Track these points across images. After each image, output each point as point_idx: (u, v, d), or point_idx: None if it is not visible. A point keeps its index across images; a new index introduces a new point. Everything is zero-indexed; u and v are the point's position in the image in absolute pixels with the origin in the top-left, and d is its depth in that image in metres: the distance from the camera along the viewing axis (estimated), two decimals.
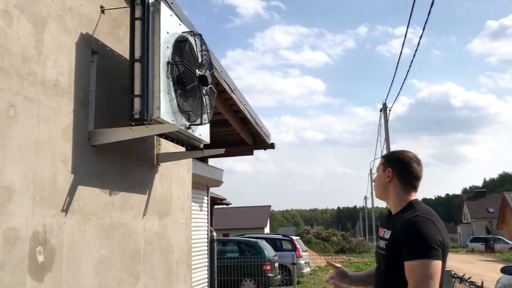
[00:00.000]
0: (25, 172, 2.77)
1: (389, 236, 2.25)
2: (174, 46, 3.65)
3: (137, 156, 4.09)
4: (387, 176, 2.35)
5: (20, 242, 2.68)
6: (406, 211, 2.25)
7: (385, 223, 2.42)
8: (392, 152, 2.46)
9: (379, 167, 2.42)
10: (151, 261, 4.21)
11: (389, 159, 2.41)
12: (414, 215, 2.18)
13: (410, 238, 2.10)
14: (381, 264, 2.32)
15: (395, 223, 2.25)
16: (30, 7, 2.90)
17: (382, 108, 21.38)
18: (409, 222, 2.15)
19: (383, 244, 2.28)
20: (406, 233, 2.12)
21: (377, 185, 2.42)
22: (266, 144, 8.72)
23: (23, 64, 2.81)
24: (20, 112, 2.75)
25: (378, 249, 2.38)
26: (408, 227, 2.13)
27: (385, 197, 2.41)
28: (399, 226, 2.18)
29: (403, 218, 2.20)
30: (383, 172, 2.38)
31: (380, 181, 2.40)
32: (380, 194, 2.43)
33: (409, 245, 2.09)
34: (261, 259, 13.40)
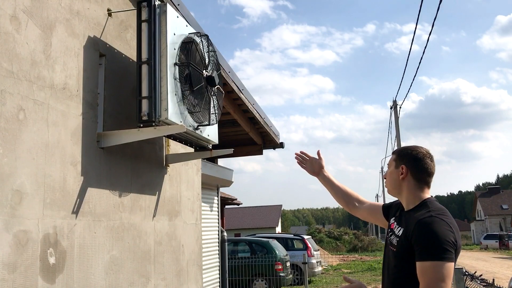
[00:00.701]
0: (35, 174, 2.80)
1: (401, 234, 2.22)
2: (181, 47, 3.67)
3: (146, 157, 4.12)
4: (401, 173, 2.31)
5: (32, 244, 2.71)
6: (419, 209, 2.23)
7: (398, 219, 2.39)
8: (404, 147, 2.40)
9: (391, 163, 2.38)
10: (161, 261, 4.23)
11: (402, 155, 2.35)
12: (428, 215, 2.15)
13: (423, 238, 2.08)
14: (390, 260, 2.30)
15: (408, 221, 2.23)
16: (38, 12, 2.93)
17: (392, 106, 21.28)
18: (423, 222, 2.12)
19: (395, 241, 2.26)
20: (419, 233, 2.10)
21: (390, 181, 2.39)
22: (275, 144, 8.71)
23: (32, 68, 2.84)
24: (29, 116, 2.79)
25: (389, 245, 2.35)
26: (421, 228, 2.10)
27: (397, 194, 2.38)
28: (412, 225, 2.15)
29: (416, 218, 2.16)
30: (395, 168, 2.33)
31: (392, 177, 2.36)
32: (393, 190, 2.40)
33: (422, 245, 2.07)
34: (272, 259, 13.40)
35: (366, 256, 31.26)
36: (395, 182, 2.34)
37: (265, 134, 8.36)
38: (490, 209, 56.45)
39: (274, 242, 14.74)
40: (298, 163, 3.00)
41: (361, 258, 29.09)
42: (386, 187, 2.43)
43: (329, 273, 19.33)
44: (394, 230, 2.33)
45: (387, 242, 2.41)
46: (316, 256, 17.00)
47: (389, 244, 2.33)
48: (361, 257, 30.22)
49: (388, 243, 2.38)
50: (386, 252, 2.40)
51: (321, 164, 2.93)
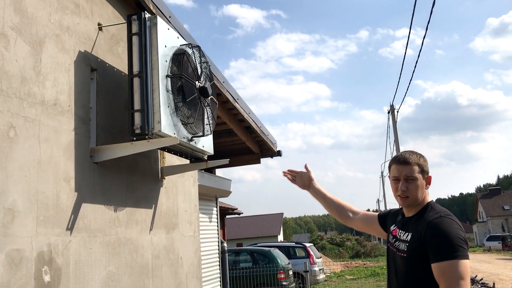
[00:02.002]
0: (28, 192, 2.77)
1: (411, 239, 2.24)
2: (172, 59, 3.66)
3: (141, 170, 4.09)
4: (428, 182, 2.34)
5: (25, 262, 2.68)
6: (426, 212, 2.27)
7: (401, 225, 2.40)
8: (417, 155, 2.38)
9: (417, 176, 2.30)
10: (160, 275, 4.19)
11: (424, 165, 2.35)
12: (437, 216, 2.20)
13: (438, 239, 2.11)
14: (399, 266, 2.30)
15: (417, 225, 2.25)
16: (26, 28, 2.92)
17: (390, 110, 21.28)
18: (435, 224, 2.15)
19: (403, 246, 2.27)
20: (432, 235, 2.13)
21: (419, 193, 2.32)
22: (273, 152, 8.69)
23: (21, 85, 2.82)
24: (20, 133, 2.77)
25: (396, 251, 2.35)
26: (434, 229, 2.14)
27: (417, 203, 2.34)
28: (423, 228, 2.18)
29: (426, 220, 2.21)
30: (423, 180, 2.32)
31: (421, 189, 2.32)
32: (416, 201, 2.33)
33: (436, 246, 2.09)
34: (274, 268, 13.31)
35: (369, 262, 31.13)
36: (422, 192, 2.33)
37: (262, 142, 8.34)
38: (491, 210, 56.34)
39: (275, 251, 14.67)
40: (289, 179, 3.01)
41: (364, 264, 28.97)
42: (410, 199, 2.32)
43: (332, 280, 19.21)
44: (399, 236, 2.35)
45: (391, 249, 2.42)
46: (319, 264, 16.92)
47: (396, 251, 2.34)
48: (365, 263, 30.09)
49: (393, 249, 2.38)
50: (392, 258, 2.40)
51: (310, 177, 2.94)
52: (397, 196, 2.35)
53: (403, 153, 2.39)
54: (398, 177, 2.32)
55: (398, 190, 2.32)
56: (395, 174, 2.34)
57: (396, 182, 2.34)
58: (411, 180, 2.29)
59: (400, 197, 2.32)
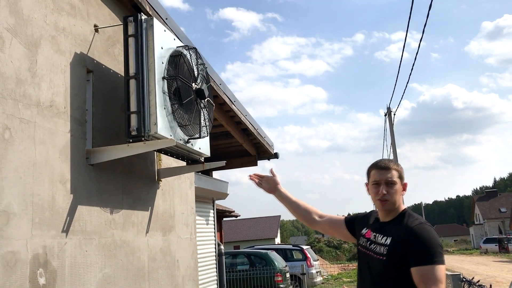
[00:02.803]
0: (23, 194, 2.76)
1: (391, 243, 2.33)
2: (169, 61, 3.65)
3: (138, 172, 4.08)
4: (403, 189, 2.47)
5: (20, 265, 2.66)
6: (405, 218, 2.39)
7: (376, 228, 2.50)
8: (397, 163, 2.52)
9: (397, 180, 2.43)
10: (156, 278, 4.17)
11: (401, 171, 2.49)
12: (418, 223, 2.33)
13: (420, 245, 2.22)
14: (376, 269, 2.39)
15: (397, 230, 2.35)
16: (22, 30, 2.91)
17: (387, 113, 21.30)
18: (417, 230, 2.27)
19: (382, 250, 2.36)
20: (415, 240, 2.24)
21: (397, 197, 2.44)
22: (270, 154, 8.68)
23: (17, 86, 2.81)
24: (15, 135, 2.75)
25: (371, 254, 2.43)
26: (416, 235, 2.25)
27: (394, 208, 2.45)
28: (405, 233, 2.29)
29: (407, 226, 2.33)
30: (400, 185, 2.45)
31: (398, 194, 2.44)
32: (394, 205, 2.44)
33: (419, 251, 2.20)
34: (272, 271, 13.30)
35: None
36: (399, 197, 2.45)
37: (259, 145, 8.34)
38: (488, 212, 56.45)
39: (273, 254, 14.65)
40: (255, 183, 3.03)
41: None
42: (389, 202, 2.42)
43: (330, 282, 19.19)
44: (375, 240, 2.44)
45: (363, 252, 2.51)
46: (316, 266, 16.90)
47: (372, 253, 2.43)
48: None
49: (367, 252, 2.48)
50: (366, 261, 2.48)
51: (275, 181, 2.98)
52: (377, 200, 2.44)
53: (382, 160, 2.53)
54: (379, 181, 2.43)
55: (379, 194, 2.41)
56: (375, 178, 2.45)
57: (376, 186, 2.44)
58: (391, 184, 2.41)
59: (380, 201, 2.42)
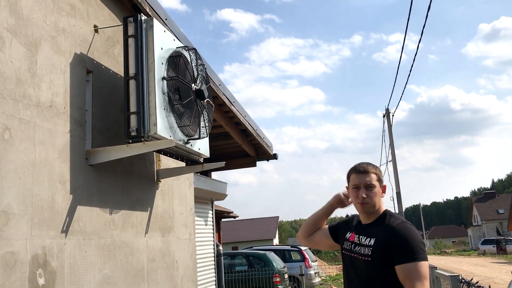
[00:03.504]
0: (23, 194, 2.75)
1: (375, 243, 2.39)
2: (168, 61, 3.65)
3: (137, 173, 4.08)
4: (383, 191, 2.53)
5: (20, 265, 2.66)
6: (386, 219, 2.46)
7: (358, 230, 2.55)
8: (375, 166, 2.57)
9: (375, 183, 2.49)
10: (155, 278, 4.17)
11: (380, 173, 2.55)
12: (400, 222, 2.40)
13: (402, 243, 2.29)
14: (361, 270, 2.44)
15: (379, 230, 2.42)
16: (22, 30, 2.91)
17: (385, 114, 21.33)
18: (399, 229, 2.34)
19: (367, 251, 2.41)
20: (397, 239, 2.31)
21: (377, 200, 2.49)
22: (269, 155, 8.69)
23: (17, 87, 2.81)
24: (15, 135, 2.75)
25: (356, 256, 2.47)
26: (398, 234, 2.32)
27: (374, 210, 2.50)
28: (387, 233, 2.36)
29: (389, 225, 2.40)
30: (380, 187, 2.51)
31: (378, 196, 2.50)
32: (374, 208, 2.49)
33: (401, 249, 2.27)
34: (270, 271, 13.29)
35: None
36: (379, 200, 2.51)
37: (258, 146, 8.34)
38: (486, 214, 56.52)
39: (271, 255, 14.64)
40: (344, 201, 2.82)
41: None
42: (369, 205, 2.47)
43: (328, 283, 19.19)
44: (360, 242, 2.50)
45: (348, 255, 2.55)
46: (314, 267, 16.90)
47: (357, 255, 2.48)
48: None
49: (352, 255, 2.52)
50: (351, 263, 2.52)
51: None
52: (357, 204, 2.49)
53: (361, 164, 2.57)
54: (359, 185, 2.48)
55: (359, 197, 2.46)
56: (355, 182, 2.50)
57: (356, 190, 2.49)
58: (370, 188, 2.46)
59: (360, 204, 2.47)
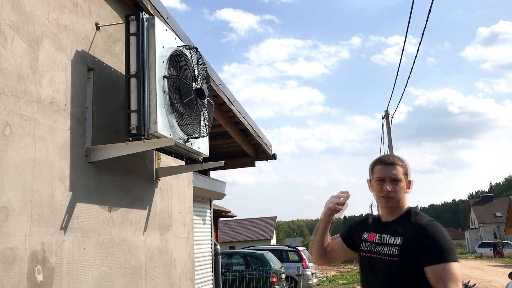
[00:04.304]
0: (23, 191, 2.76)
1: (403, 242, 2.22)
2: (169, 60, 3.66)
3: (137, 171, 4.08)
4: (408, 186, 2.35)
5: (18, 261, 2.66)
6: (412, 216, 2.28)
7: (379, 229, 2.38)
8: (402, 158, 2.38)
9: (402, 177, 2.31)
10: (153, 277, 4.17)
11: (407, 167, 2.36)
12: (428, 220, 2.24)
13: (436, 242, 2.14)
14: (385, 271, 2.26)
15: (405, 228, 2.24)
16: (24, 27, 2.91)
17: (385, 116, 21.34)
18: (430, 227, 2.19)
19: (394, 250, 2.24)
20: (430, 238, 2.15)
21: (401, 195, 2.31)
22: (268, 155, 8.70)
23: (18, 83, 2.81)
24: (16, 131, 2.75)
25: (379, 256, 2.30)
26: (431, 232, 2.17)
27: (398, 206, 2.33)
28: (417, 231, 2.19)
29: (417, 224, 2.23)
30: (405, 182, 2.33)
31: (403, 191, 2.32)
32: (398, 204, 2.32)
33: (435, 249, 2.12)
34: (267, 271, 13.29)
35: None
36: (404, 195, 2.33)
37: (257, 145, 8.35)
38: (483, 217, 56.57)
39: (268, 255, 14.64)
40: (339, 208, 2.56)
41: (356, 269, 28.97)
42: (394, 200, 2.30)
43: (325, 284, 19.20)
44: (382, 241, 2.32)
45: (367, 256, 2.37)
46: (311, 268, 16.90)
47: (380, 255, 2.30)
48: (357, 268, 30.11)
49: (372, 256, 2.34)
50: (370, 265, 2.35)
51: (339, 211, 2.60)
52: (380, 198, 2.31)
53: (387, 155, 2.39)
54: (384, 177, 2.30)
55: (383, 191, 2.29)
56: (380, 175, 2.31)
57: (380, 183, 2.31)
58: (396, 181, 2.29)
59: (385, 198, 2.29)
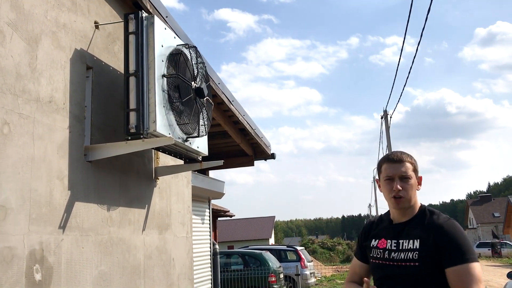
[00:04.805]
0: (21, 189, 2.75)
1: (421, 246, 2.09)
2: (169, 59, 3.65)
3: (135, 170, 4.07)
4: (419, 183, 2.24)
5: (17, 260, 2.65)
6: (426, 216, 2.18)
7: (390, 233, 2.25)
8: (410, 155, 2.26)
9: (411, 174, 2.19)
10: (151, 276, 4.16)
11: (416, 163, 2.25)
12: (446, 219, 2.15)
13: (456, 242, 2.04)
14: (404, 277, 2.11)
15: (422, 230, 2.13)
16: (23, 25, 2.90)
17: (383, 115, 21.35)
18: (449, 227, 2.09)
19: (412, 255, 2.10)
20: (449, 238, 2.05)
21: (413, 193, 2.19)
22: (267, 155, 8.69)
23: (16, 81, 2.80)
24: (14, 130, 2.74)
25: (395, 263, 2.15)
26: (450, 232, 2.07)
27: (410, 206, 2.21)
28: (435, 232, 2.08)
29: (434, 223, 2.11)
30: (416, 179, 2.22)
31: (414, 189, 2.20)
32: (409, 203, 2.20)
33: (455, 250, 2.02)
34: (266, 271, 13.29)
35: None
36: (415, 193, 2.21)
37: (256, 145, 8.34)
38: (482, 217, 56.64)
39: (267, 254, 14.64)
40: None
41: None
42: (405, 199, 2.18)
43: (323, 284, 19.21)
44: (398, 247, 2.17)
45: (381, 264, 2.21)
46: (310, 267, 16.91)
47: (396, 262, 2.15)
48: None
49: (387, 263, 2.19)
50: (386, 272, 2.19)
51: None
52: (391, 198, 2.18)
53: (394, 152, 2.26)
54: (392, 176, 2.18)
55: (393, 190, 2.16)
56: (388, 173, 2.19)
57: (389, 182, 2.19)
58: (406, 179, 2.17)
59: (395, 198, 2.17)
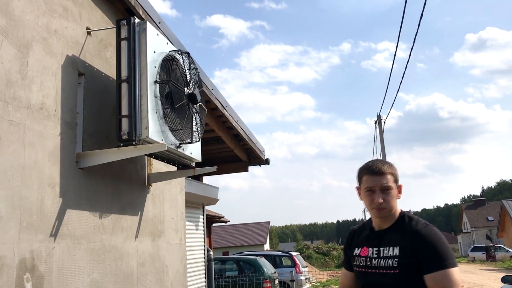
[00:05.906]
0: (11, 197, 2.71)
1: (401, 252, 2.13)
2: (161, 65, 3.64)
3: (128, 177, 4.04)
4: (399, 192, 2.25)
5: (6, 269, 2.61)
6: (405, 222, 2.20)
7: (371, 241, 2.29)
8: (390, 164, 2.28)
9: (392, 185, 2.21)
10: (145, 283, 4.13)
11: (396, 173, 2.26)
12: (424, 225, 2.16)
13: (434, 248, 2.06)
14: (385, 285, 2.17)
15: (400, 236, 2.16)
16: (13, 31, 2.88)
17: (377, 121, 21.41)
18: (427, 233, 2.11)
19: (392, 262, 2.14)
20: (427, 244, 2.07)
21: (393, 203, 2.22)
22: (261, 160, 8.67)
23: (7, 88, 2.78)
24: (4, 137, 2.71)
25: (376, 271, 2.20)
26: (428, 238, 2.09)
27: (391, 214, 2.23)
28: (413, 238, 2.11)
29: (412, 230, 2.14)
30: (396, 189, 2.24)
31: (395, 199, 2.22)
32: (391, 211, 2.22)
33: (433, 256, 2.05)
34: (261, 277, 13.23)
35: None
36: (396, 202, 2.23)
37: (250, 150, 8.33)
38: (476, 221, 56.83)
39: (262, 260, 14.59)
40: None
41: None
42: (387, 210, 2.21)
43: None
44: (379, 254, 2.22)
45: (364, 272, 2.28)
46: (305, 273, 16.86)
47: (377, 269, 2.20)
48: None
49: (369, 270, 2.25)
50: (368, 281, 2.25)
51: None
52: (372, 209, 2.22)
53: (374, 163, 2.27)
54: (373, 188, 2.20)
55: (374, 202, 2.19)
56: (369, 185, 2.21)
57: (370, 194, 2.21)
58: (387, 190, 2.19)
59: (377, 209, 2.20)
